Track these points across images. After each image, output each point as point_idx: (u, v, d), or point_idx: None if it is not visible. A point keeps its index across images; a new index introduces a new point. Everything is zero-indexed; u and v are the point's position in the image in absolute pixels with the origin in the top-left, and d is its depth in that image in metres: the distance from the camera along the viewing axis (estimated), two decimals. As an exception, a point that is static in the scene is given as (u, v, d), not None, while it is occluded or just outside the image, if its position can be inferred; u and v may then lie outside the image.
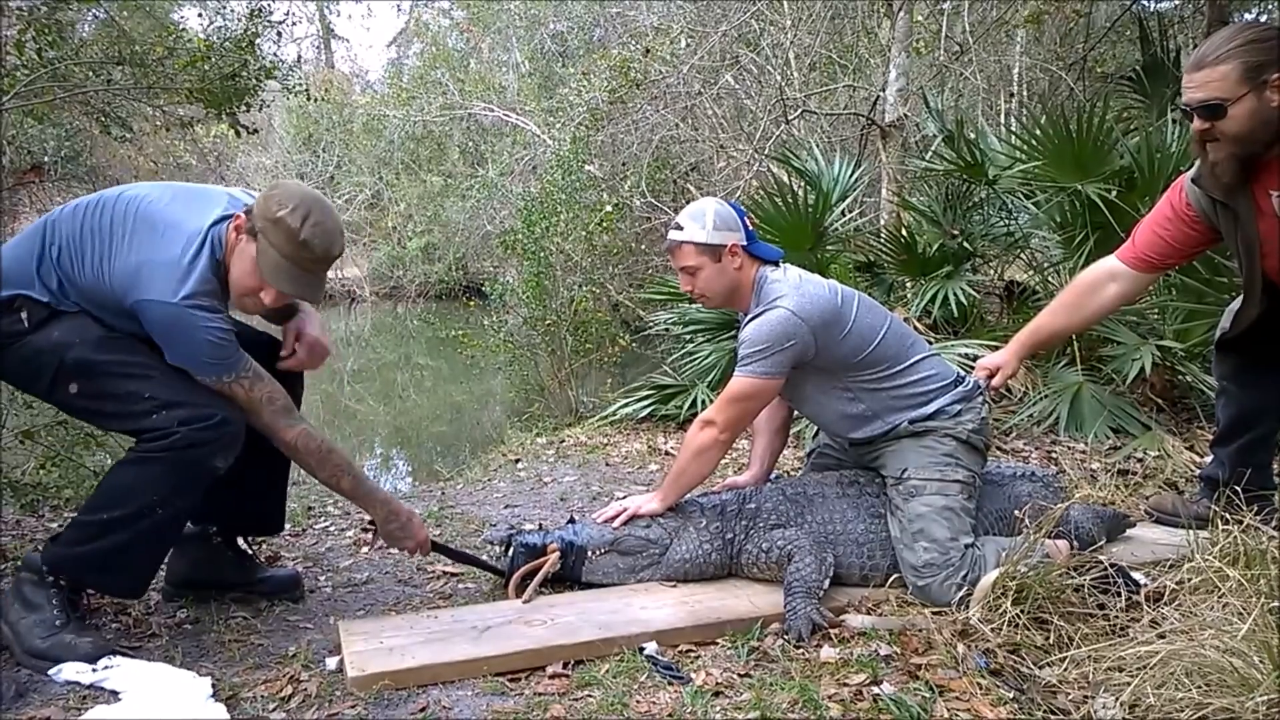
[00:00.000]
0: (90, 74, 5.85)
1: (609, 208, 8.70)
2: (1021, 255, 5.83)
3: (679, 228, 2.80)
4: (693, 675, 2.24)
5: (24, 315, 2.31)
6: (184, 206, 2.37)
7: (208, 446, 2.30)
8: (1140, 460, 4.18)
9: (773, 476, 3.19)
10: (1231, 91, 2.48)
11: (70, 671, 2.23)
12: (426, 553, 2.85)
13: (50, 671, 2.25)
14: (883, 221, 6.83)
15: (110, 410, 2.36)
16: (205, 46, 6.01)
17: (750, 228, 2.85)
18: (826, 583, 2.59)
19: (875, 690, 2.13)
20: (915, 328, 4.91)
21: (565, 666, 2.30)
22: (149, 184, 2.50)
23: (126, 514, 2.27)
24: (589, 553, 2.76)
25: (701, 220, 2.78)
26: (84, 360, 2.30)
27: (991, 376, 2.99)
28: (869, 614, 2.56)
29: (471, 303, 11.71)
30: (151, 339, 2.34)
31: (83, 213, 2.36)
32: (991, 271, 6.03)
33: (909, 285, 5.64)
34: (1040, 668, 2.20)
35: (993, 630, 2.32)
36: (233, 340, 2.36)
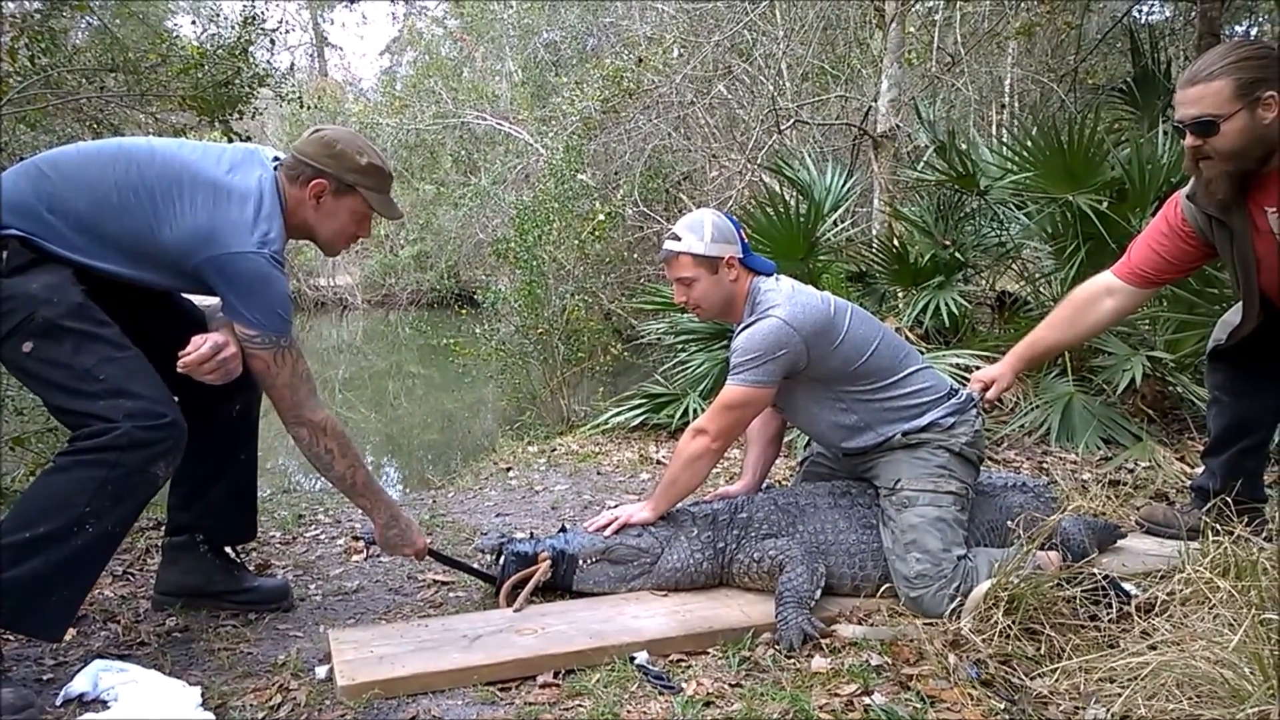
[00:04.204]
0: (83, 81, 5.86)
1: (601, 216, 8.71)
2: (1013, 265, 5.85)
3: (676, 238, 2.80)
4: (684, 685, 2.23)
5: (4, 256, 2.17)
6: (231, 169, 2.39)
7: (150, 449, 2.15)
8: (1131, 471, 4.20)
9: (765, 486, 3.19)
10: (1224, 108, 2.49)
11: (79, 684, 2.19)
12: (423, 559, 2.85)
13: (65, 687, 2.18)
14: (875, 231, 6.85)
15: (58, 381, 2.17)
16: (199, 54, 6.02)
17: (745, 240, 2.86)
18: (818, 593, 2.59)
19: (866, 700, 2.13)
20: (907, 337, 4.93)
21: (556, 675, 2.29)
22: (171, 140, 2.47)
23: (53, 531, 2.06)
24: (580, 561, 2.76)
25: (699, 231, 2.78)
26: (53, 323, 2.15)
27: (986, 389, 3.00)
28: (860, 624, 2.55)
29: (464, 311, 11.69)
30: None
31: (102, 164, 2.30)
32: (983, 282, 6.05)
33: (901, 295, 5.66)
34: (1031, 678, 2.20)
35: (984, 641, 2.32)
36: None
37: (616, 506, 2.96)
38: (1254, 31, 9.60)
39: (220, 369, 2.34)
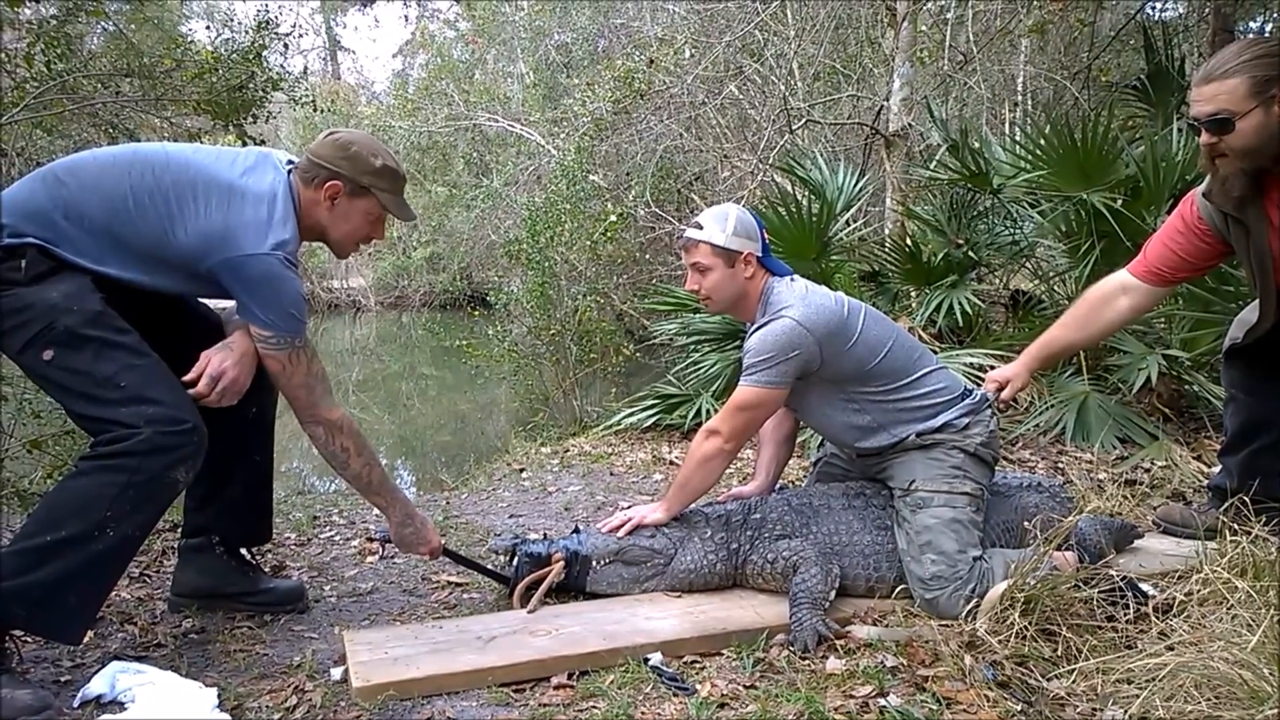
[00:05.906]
0: (99, 86, 5.90)
1: (613, 217, 8.71)
2: (1026, 264, 5.82)
3: (699, 226, 2.81)
4: (698, 686, 2.23)
5: (23, 264, 2.18)
6: (246, 172, 2.40)
7: (171, 454, 2.17)
8: (1147, 470, 4.17)
9: (778, 487, 3.19)
10: (1239, 105, 2.47)
11: (96, 685, 2.20)
12: (437, 558, 2.86)
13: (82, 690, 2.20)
14: (887, 231, 6.83)
15: (79, 388, 2.19)
16: (213, 58, 6.06)
17: (766, 240, 2.86)
18: (832, 594, 2.58)
19: (881, 702, 2.12)
20: (920, 337, 4.91)
21: (570, 677, 2.29)
22: (186, 145, 2.50)
23: (74, 534, 2.08)
24: (594, 562, 2.76)
25: (723, 223, 2.79)
26: (74, 331, 2.17)
27: (1001, 389, 2.99)
28: (875, 625, 2.55)
29: (476, 312, 11.73)
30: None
31: (118, 170, 2.31)
32: (996, 280, 6.02)
33: (914, 294, 5.64)
34: (1048, 679, 2.19)
35: (1000, 642, 2.31)
36: None
37: (630, 507, 2.96)
38: (1269, 28, 9.52)
39: (219, 399, 2.38)
